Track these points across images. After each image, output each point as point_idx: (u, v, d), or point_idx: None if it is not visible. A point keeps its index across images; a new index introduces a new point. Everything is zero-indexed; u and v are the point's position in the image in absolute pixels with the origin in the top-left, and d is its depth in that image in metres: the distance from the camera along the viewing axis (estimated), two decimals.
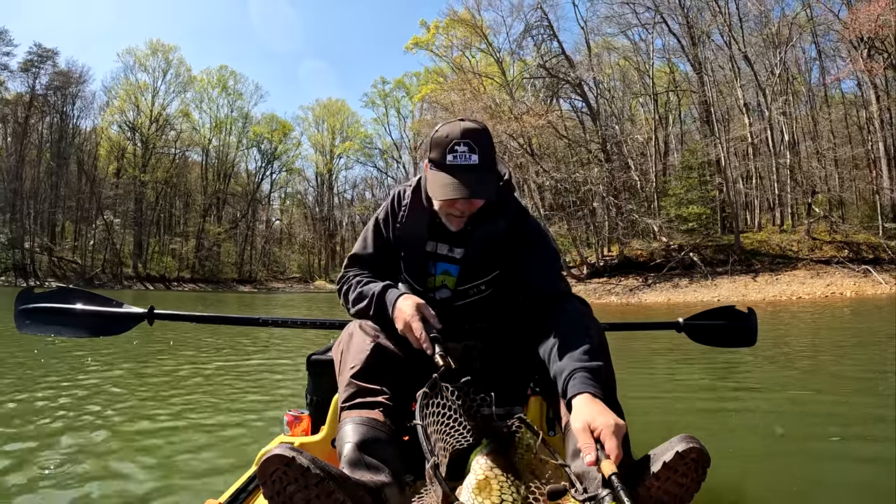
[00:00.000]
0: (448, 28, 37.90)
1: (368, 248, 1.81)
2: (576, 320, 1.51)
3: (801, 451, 2.86)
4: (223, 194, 59.36)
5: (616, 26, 33.10)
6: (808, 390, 4.50)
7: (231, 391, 4.48)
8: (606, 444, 1.17)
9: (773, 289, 21.31)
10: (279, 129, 62.57)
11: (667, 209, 27.86)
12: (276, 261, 64.72)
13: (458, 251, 1.74)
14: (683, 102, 36.13)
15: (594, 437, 1.19)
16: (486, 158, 1.59)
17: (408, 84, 60.85)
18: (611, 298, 23.87)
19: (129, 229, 51.45)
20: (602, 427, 1.19)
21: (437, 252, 1.76)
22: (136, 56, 52.46)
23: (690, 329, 2.38)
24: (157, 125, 52.70)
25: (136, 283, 47.55)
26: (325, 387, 1.87)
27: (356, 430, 1.32)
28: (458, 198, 1.56)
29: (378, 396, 1.43)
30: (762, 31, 29.61)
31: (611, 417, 1.21)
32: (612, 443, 1.17)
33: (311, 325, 2.24)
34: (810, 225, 25.39)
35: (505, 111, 28.52)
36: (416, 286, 1.79)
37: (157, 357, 6.26)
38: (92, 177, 48.95)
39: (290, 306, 22.54)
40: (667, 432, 1.31)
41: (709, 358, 5.79)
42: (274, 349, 7.28)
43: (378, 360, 1.50)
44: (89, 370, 5.22)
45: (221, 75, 58.74)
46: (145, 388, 4.49)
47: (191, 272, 53.72)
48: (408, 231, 1.76)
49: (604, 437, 1.18)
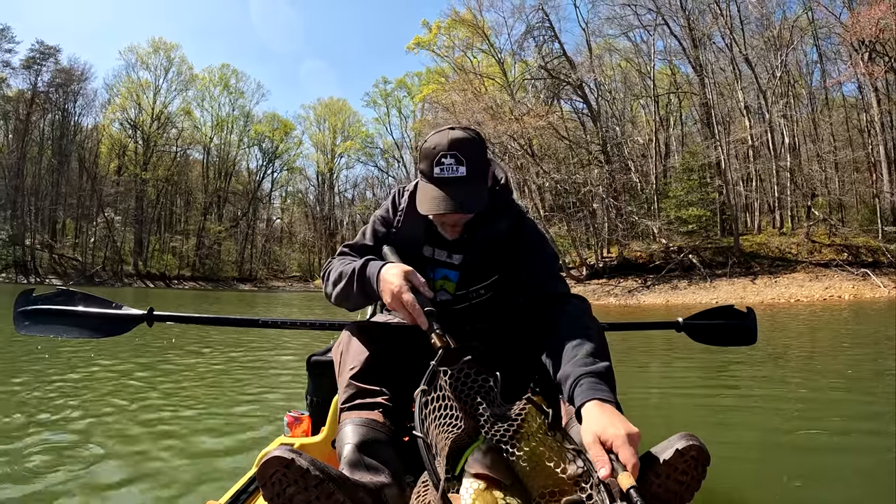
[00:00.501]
0: (450, 28, 38.03)
1: (366, 239, 1.76)
2: (576, 319, 1.48)
3: (800, 446, 2.87)
4: (224, 193, 59.41)
5: (618, 28, 33.18)
6: (806, 388, 4.54)
7: (231, 392, 4.48)
8: (621, 455, 1.12)
9: (771, 291, 21.36)
10: (280, 128, 62.68)
11: (667, 211, 27.90)
12: (277, 259, 64.85)
13: (457, 257, 1.72)
14: (684, 104, 36.16)
15: (607, 448, 1.15)
16: (474, 169, 1.56)
17: (409, 84, 60.91)
18: (609, 300, 23.93)
19: (130, 227, 51.55)
20: (614, 438, 1.14)
21: (436, 258, 1.73)
22: (138, 54, 52.65)
23: (690, 328, 2.39)
24: (158, 123, 52.81)
25: (136, 281, 47.69)
26: (325, 388, 1.87)
27: (356, 431, 1.32)
28: (444, 212, 1.54)
29: (378, 397, 1.42)
30: (763, 33, 29.66)
31: (622, 426, 1.16)
32: (627, 452, 1.12)
33: (311, 326, 2.22)
34: (810, 228, 25.43)
35: (506, 112, 28.55)
36: None
37: (155, 357, 6.25)
38: (93, 174, 49.05)
39: (290, 305, 22.59)
40: (666, 431, 1.30)
41: (705, 357, 5.80)
42: (274, 350, 7.28)
43: (378, 360, 1.49)
44: (86, 369, 5.21)
45: (223, 74, 58.90)
46: (144, 388, 4.50)
47: (191, 270, 53.84)
48: (405, 234, 1.73)
49: (617, 448, 1.13)
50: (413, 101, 57.03)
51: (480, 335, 1.73)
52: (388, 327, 1.62)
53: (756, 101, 29.64)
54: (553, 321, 1.50)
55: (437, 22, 38.87)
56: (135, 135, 52.51)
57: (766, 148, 28.67)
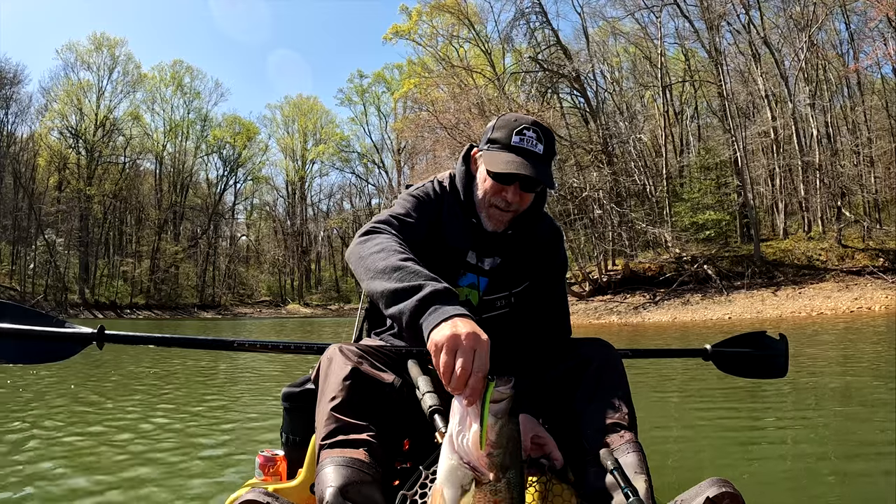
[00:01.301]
0: (431, 15, 38.92)
1: (410, 217, 1.77)
2: (601, 371, 1.65)
3: (838, 479, 3.10)
4: (180, 208, 59.76)
5: (622, 8, 33.84)
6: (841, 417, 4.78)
7: (195, 429, 4.45)
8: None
9: (793, 304, 22.01)
10: (243, 133, 63.18)
11: (680, 216, 28.58)
12: (243, 282, 65.00)
13: (488, 261, 1.86)
14: (701, 94, 36.73)
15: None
16: (549, 152, 1.75)
17: (388, 77, 61.92)
18: (612, 318, 24.61)
19: (74, 250, 51.57)
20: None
21: (467, 260, 1.85)
22: (78, 52, 53.25)
23: (718, 357, 2.37)
24: (103, 130, 53.31)
25: (83, 311, 47.47)
26: (303, 424, 1.86)
27: (338, 472, 1.30)
28: (520, 173, 1.68)
29: (362, 433, 1.41)
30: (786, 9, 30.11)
31: None
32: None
33: (287, 349, 2.14)
34: (840, 231, 25.98)
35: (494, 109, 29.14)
36: None
37: (103, 385, 6.43)
38: (30, 191, 49.05)
39: (260, 333, 22.74)
40: (693, 474, 1.53)
41: (727, 383, 6.02)
42: (242, 379, 7.50)
43: (362, 389, 1.48)
44: (19, 406, 5.23)
45: (175, 72, 59.55)
46: (91, 425, 4.49)
47: (145, 297, 53.90)
48: (448, 231, 1.83)
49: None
50: (393, 98, 57.81)
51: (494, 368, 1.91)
52: (375, 352, 1.63)
53: (779, 89, 30.13)
54: (574, 372, 1.68)
55: (417, 7, 39.76)
56: (77, 144, 52.91)
57: (792, 141, 29.28)
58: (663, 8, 32.14)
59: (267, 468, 1.96)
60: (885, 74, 31.70)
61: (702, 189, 28.74)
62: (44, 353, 2.01)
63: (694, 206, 28.20)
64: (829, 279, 23.74)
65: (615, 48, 38.38)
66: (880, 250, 24.74)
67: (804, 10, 29.25)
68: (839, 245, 25.52)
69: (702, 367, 7.04)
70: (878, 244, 25.19)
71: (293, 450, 1.91)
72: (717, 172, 29.07)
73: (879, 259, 24.16)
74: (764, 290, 23.99)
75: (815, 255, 25.62)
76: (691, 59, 35.06)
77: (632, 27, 35.58)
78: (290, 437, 1.93)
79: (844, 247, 25.44)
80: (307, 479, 1.68)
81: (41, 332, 1.95)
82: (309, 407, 1.62)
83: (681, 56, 35.90)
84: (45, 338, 1.95)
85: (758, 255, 25.93)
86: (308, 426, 1.69)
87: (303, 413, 1.84)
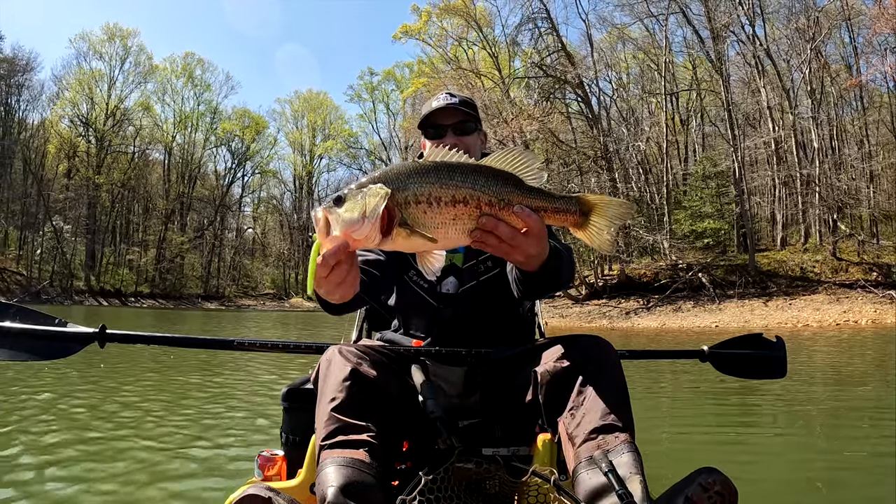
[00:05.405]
0: (442, 16, 39.47)
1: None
2: (599, 363, 1.63)
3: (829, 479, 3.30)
4: (188, 199, 60.19)
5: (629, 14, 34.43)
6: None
7: (195, 429, 4.47)
8: None
9: (781, 315, 22.58)
10: (252, 126, 63.41)
11: (680, 223, 29.17)
12: (247, 275, 65.27)
13: None
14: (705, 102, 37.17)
15: None
16: (465, 103, 1.99)
17: (398, 76, 62.34)
18: (602, 322, 25.18)
19: (81, 237, 52.17)
20: None
21: None
22: (91, 42, 53.91)
23: (716, 358, 2.43)
24: (113, 120, 53.84)
25: (87, 299, 47.89)
26: (303, 424, 1.88)
27: (339, 472, 1.33)
28: (434, 108, 1.95)
29: (363, 433, 1.43)
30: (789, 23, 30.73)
31: None
32: None
33: (286, 348, 2.23)
34: (835, 244, 26.45)
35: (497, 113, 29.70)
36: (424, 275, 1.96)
37: (105, 385, 6.51)
38: (39, 177, 49.61)
39: (263, 326, 22.84)
40: (685, 465, 1.51)
41: (720, 383, 6.37)
42: (243, 377, 7.58)
43: (361, 390, 1.51)
44: (19, 403, 5.31)
45: (187, 64, 60.02)
46: (91, 426, 4.54)
47: (150, 286, 54.21)
48: None
49: None
50: (402, 96, 57.73)
51: (483, 360, 1.87)
52: (374, 352, 1.68)
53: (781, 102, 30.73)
54: (571, 364, 1.63)
55: (427, 8, 40.17)
56: (87, 133, 53.47)
57: (791, 153, 29.87)
58: (670, 16, 32.71)
59: (267, 468, 2.02)
60: (891, 88, 31.52)
61: (702, 198, 29.28)
62: (48, 351, 2.12)
63: (694, 215, 28.77)
64: (821, 291, 24.24)
65: (623, 54, 38.85)
66: (874, 264, 25.14)
67: (810, 21, 29.74)
68: (834, 258, 25.97)
69: (697, 371, 7.84)
70: (873, 258, 25.60)
71: (293, 450, 1.94)
72: (717, 181, 29.43)
73: (873, 273, 24.55)
74: (755, 300, 24.55)
75: (809, 267, 26.08)
76: (699, 67, 35.53)
77: (640, 34, 36.16)
78: (289, 437, 1.97)
79: (839, 260, 25.90)
80: (307, 479, 1.70)
81: (47, 332, 2.09)
82: (308, 407, 1.65)
83: (689, 64, 36.45)
84: (51, 337, 2.09)
85: (752, 265, 26.49)
86: (308, 426, 1.71)
87: (302, 413, 1.87)
